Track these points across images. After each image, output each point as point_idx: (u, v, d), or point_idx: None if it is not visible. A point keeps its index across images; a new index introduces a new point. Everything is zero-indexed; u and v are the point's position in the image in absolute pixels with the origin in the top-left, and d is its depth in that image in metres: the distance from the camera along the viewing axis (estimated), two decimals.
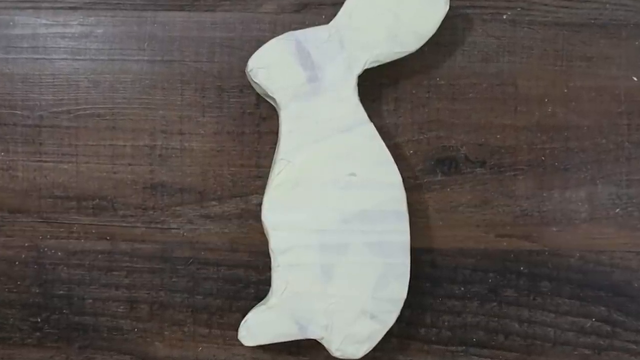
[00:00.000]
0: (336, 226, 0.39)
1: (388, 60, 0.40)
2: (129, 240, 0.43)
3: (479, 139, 0.43)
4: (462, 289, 0.43)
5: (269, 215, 0.40)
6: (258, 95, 0.42)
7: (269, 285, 0.41)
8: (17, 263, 0.43)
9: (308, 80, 0.40)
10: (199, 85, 0.43)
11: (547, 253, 0.43)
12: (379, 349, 0.40)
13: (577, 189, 0.43)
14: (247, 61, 0.40)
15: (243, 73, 0.42)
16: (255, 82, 0.40)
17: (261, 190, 0.42)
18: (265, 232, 0.40)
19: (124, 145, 0.43)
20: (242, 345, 0.40)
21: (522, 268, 0.43)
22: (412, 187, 0.42)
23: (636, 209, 0.43)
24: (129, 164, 0.43)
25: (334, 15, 0.40)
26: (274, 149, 0.42)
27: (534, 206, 0.43)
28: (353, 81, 0.40)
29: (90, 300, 0.43)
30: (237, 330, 0.41)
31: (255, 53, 0.40)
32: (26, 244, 0.43)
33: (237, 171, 0.43)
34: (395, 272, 0.40)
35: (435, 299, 0.43)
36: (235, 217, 0.43)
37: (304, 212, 0.40)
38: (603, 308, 0.43)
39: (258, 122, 0.43)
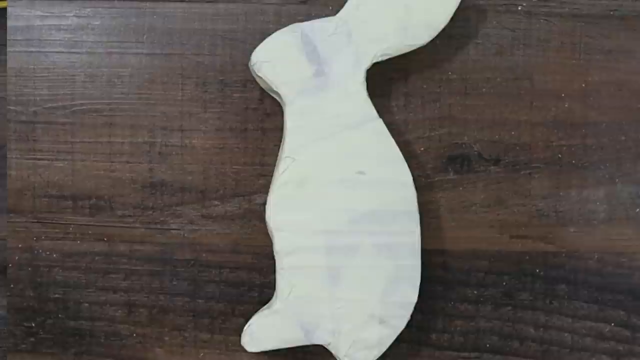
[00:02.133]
0: (344, 227, 0.40)
1: (398, 53, 0.40)
2: (128, 242, 0.43)
3: (492, 135, 0.43)
4: (475, 292, 0.43)
5: (273, 216, 0.40)
6: (262, 90, 0.43)
7: (274, 288, 0.41)
8: (10, 265, 0.43)
9: (314, 75, 0.40)
10: (200, 79, 0.43)
11: (564, 255, 0.43)
12: (388, 355, 0.41)
13: (595, 188, 0.43)
14: (250, 54, 0.40)
15: (246, 67, 0.42)
16: (259, 77, 0.40)
17: (265, 189, 0.42)
18: (269, 233, 0.40)
19: (122, 142, 0.43)
20: (245, 351, 0.41)
21: (537, 270, 0.43)
22: (423, 186, 0.43)
23: None
24: (127, 162, 0.43)
25: (341, 6, 0.40)
26: (279, 146, 0.42)
27: (550, 206, 0.43)
28: (361, 75, 0.40)
29: (87, 304, 0.43)
30: (240, 335, 0.41)
31: (259, 46, 0.40)
32: (20, 246, 0.43)
33: (240, 169, 0.43)
34: (406, 275, 0.40)
35: (447, 302, 0.43)
36: (238, 218, 0.43)
37: (310, 212, 0.40)
38: (622, 312, 0.43)
39: (262, 118, 0.43)
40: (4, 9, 0.43)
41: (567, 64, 0.43)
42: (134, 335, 0.43)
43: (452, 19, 0.40)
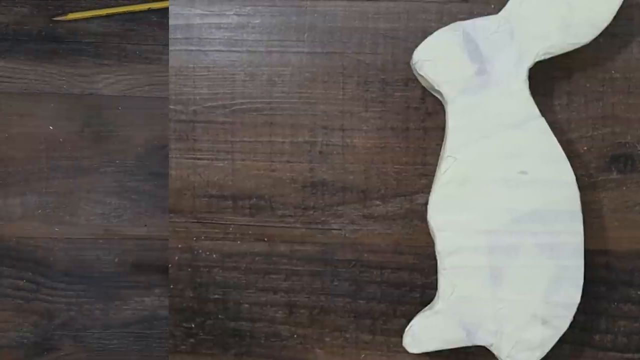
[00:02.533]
0: (506, 227, 0.40)
1: (560, 52, 0.40)
2: (288, 242, 0.43)
3: None
4: (639, 293, 0.43)
5: (435, 216, 0.40)
6: (424, 89, 0.42)
7: (435, 289, 0.41)
8: (170, 266, 0.43)
9: (476, 73, 0.40)
10: (361, 78, 0.43)
11: None
12: (550, 357, 0.41)
13: None
14: (412, 53, 0.40)
15: (408, 65, 0.42)
16: (421, 75, 0.40)
17: (427, 189, 0.42)
18: (431, 233, 0.40)
19: (283, 142, 0.43)
20: (407, 352, 0.41)
21: None
22: (585, 185, 0.42)
23: None
24: (288, 162, 0.43)
25: (503, 4, 0.40)
26: (441, 145, 0.42)
27: None
28: (523, 74, 0.40)
29: (247, 305, 0.43)
30: (401, 336, 0.41)
31: (421, 44, 0.40)
32: (180, 246, 0.43)
33: (402, 169, 0.43)
34: (569, 275, 0.40)
35: (611, 303, 0.43)
36: (400, 218, 0.43)
37: (472, 212, 0.40)
38: None
39: (424, 117, 0.43)
40: (166, 9, 0.43)
41: None
42: (295, 336, 0.43)
43: (615, 17, 0.40)
